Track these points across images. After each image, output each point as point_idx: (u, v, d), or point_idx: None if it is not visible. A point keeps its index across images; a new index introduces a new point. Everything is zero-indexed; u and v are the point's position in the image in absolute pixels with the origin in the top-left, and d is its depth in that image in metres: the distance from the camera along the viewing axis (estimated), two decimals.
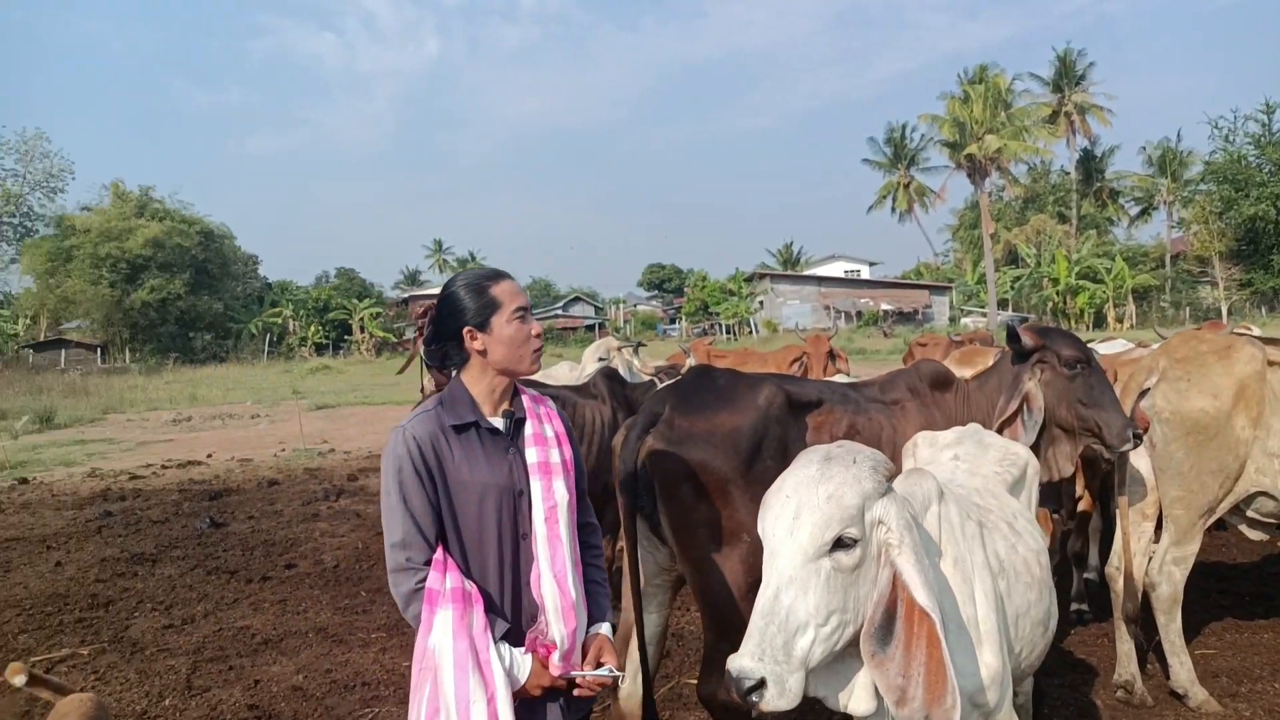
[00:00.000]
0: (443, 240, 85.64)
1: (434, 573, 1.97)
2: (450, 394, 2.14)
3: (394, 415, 17.92)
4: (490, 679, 1.93)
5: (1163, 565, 4.00)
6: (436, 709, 1.91)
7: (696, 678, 3.32)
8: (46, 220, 45.93)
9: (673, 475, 3.11)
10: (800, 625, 1.81)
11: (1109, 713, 3.96)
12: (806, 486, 1.90)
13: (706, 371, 3.36)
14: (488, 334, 2.11)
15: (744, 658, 1.79)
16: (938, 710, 1.84)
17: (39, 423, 18.24)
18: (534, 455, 2.15)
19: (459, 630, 1.92)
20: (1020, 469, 2.81)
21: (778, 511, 1.91)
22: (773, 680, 1.77)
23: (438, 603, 1.94)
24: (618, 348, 6.66)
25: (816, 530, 1.84)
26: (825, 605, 1.84)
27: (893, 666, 1.87)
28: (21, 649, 5.27)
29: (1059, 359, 3.40)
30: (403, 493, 2.00)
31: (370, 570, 6.73)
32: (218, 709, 4.36)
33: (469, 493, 2.06)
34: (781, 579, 1.83)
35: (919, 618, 1.87)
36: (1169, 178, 51.91)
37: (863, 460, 1.96)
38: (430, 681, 1.93)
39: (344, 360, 44.62)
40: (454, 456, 2.06)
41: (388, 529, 2.02)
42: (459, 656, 1.91)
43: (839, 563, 1.85)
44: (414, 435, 2.04)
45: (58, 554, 7.50)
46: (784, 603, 1.81)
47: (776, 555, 1.87)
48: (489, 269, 2.22)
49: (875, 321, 51.44)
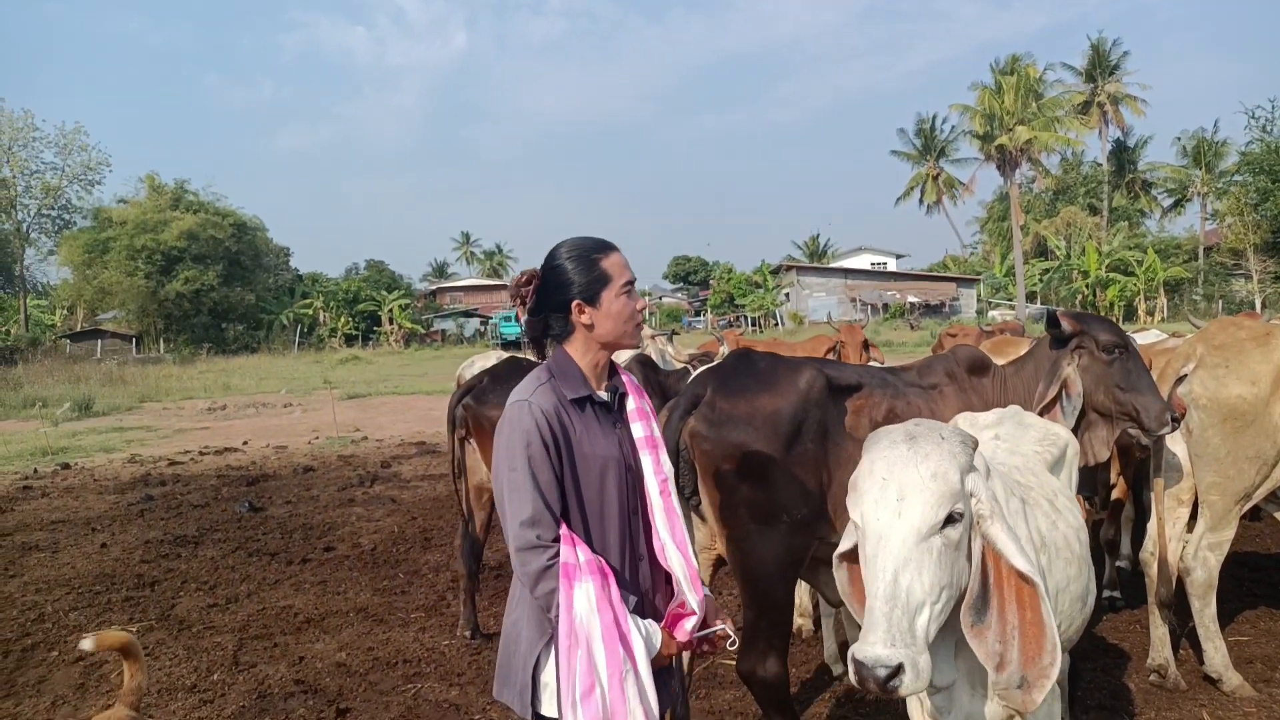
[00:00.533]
0: (470, 233, 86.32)
1: (565, 547, 1.92)
2: (560, 366, 2.09)
3: (424, 405, 18.13)
4: (634, 650, 1.92)
5: (1198, 551, 4.02)
6: (591, 684, 1.88)
7: (734, 657, 3.38)
8: (84, 213, 46.57)
9: (713, 456, 3.17)
10: (919, 605, 1.82)
11: (1143, 696, 3.99)
12: (906, 467, 1.90)
13: (747, 355, 3.42)
14: (596, 308, 2.07)
15: (876, 646, 1.76)
16: (1034, 669, 1.88)
17: (78, 410, 18.60)
18: (640, 430, 2.15)
19: (602, 602, 1.89)
20: (1060, 449, 2.85)
21: (877, 495, 1.90)
22: (909, 664, 1.75)
23: (575, 576, 1.90)
24: (651, 336, 6.71)
25: (928, 509, 1.85)
26: (938, 582, 1.85)
27: (990, 634, 1.91)
28: (73, 625, 5.43)
29: (1097, 344, 3.43)
30: (531, 468, 1.93)
31: (407, 553, 6.86)
32: (265, 683, 4.49)
33: (591, 466, 2.03)
34: (898, 561, 1.83)
35: (1014, 583, 1.91)
36: (1203, 169, 51.06)
37: (951, 436, 1.97)
38: (582, 657, 1.89)
39: (373, 351, 45.01)
40: (576, 429, 2.03)
41: (513, 506, 1.94)
42: (606, 629, 1.89)
43: (948, 539, 1.87)
44: (540, 407, 1.98)
45: (102, 536, 7.70)
46: (903, 584, 1.81)
47: (886, 538, 1.86)
48: (596, 239, 2.14)
49: (901, 314, 51.13)
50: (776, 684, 3.21)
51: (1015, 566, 1.90)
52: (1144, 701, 3.94)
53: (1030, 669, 1.88)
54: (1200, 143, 51.42)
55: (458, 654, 4.83)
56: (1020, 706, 1.94)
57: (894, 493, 1.87)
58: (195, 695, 4.37)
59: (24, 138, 44.09)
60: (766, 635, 3.19)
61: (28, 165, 44.50)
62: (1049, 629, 1.87)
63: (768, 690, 3.20)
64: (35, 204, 45.37)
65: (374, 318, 52.65)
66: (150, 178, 48.37)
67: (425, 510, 8.29)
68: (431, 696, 4.30)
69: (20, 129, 43.87)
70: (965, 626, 1.92)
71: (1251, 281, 43.72)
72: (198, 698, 4.34)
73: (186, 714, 4.17)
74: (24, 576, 6.50)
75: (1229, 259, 45.94)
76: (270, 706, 4.22)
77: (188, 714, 4.18)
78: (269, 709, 4.19)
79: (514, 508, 1.93)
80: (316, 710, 4.14)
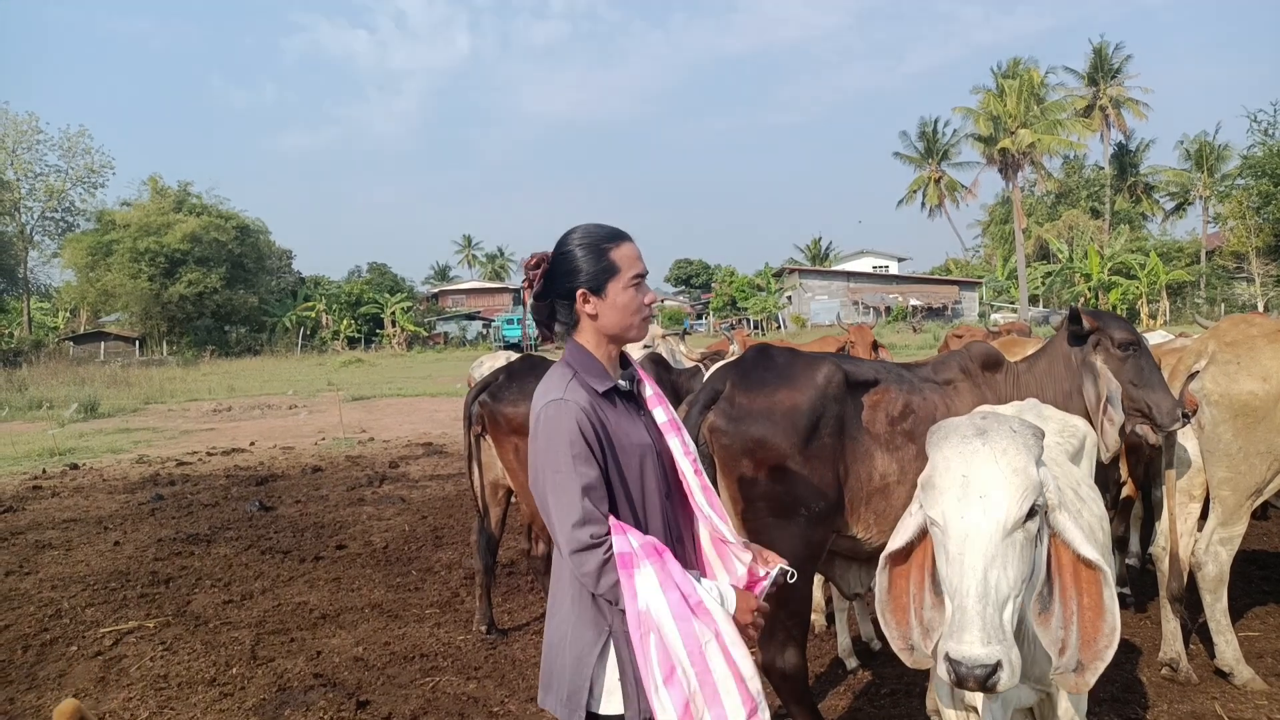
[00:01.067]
0: (472, 236, 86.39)
1: (617, 536, 1.89)
2: (580, 360, 2.05)
3: (429, 406, 18.17)
4: (709, 617, 1.88)
5: (1209, 545, 4.06)
6: (671, 667, 1.84)
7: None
8: (87, 215, 46.81)
9: (733, 450, 3.22)
10: (1005, 599, 1.83)
11: (1155, 690, 4.03)
12: (985, 463, 1.89)
13: (766, 350, 3.46)
14: (602, 299, 2.04)
15: (974, 645, 1.76)
16: (1089, 652, 1.92)
17: (84, 412, 18.66)
18: (662, 414, 2.14)
19: (666, 583, 1.86)
20: (1080, 440, 2.90)
21: (959, 493, 1.90)
22: (1005, 660, 1.76)
23: (634, 564, 1.86)
24: (662, 335, 6.75)
25: (1014, 505, 1.85)
26: (1021, 575, 1.87)
27: (1054, 620, 1.95)
28: (90, 621, 5.48)
29: (1113, 341, 3.49)
30: (577, 468, 1.89)
31: (418, 551, 6.90)
32: (284, 677, 4.53)
33: (631, 456, 2.01)
34: (986, 558, 1.83)
35: (1077, 571, 1.94)
36: (1205, 172, 51.14)
37: (1021, 428, 1.98)
38: (656, 642, 1.85)
39: (375, 354, 45.10)
40: (612, 421, 2.01)
41: (560, 509, 1.90)
42: (675, 607, 1.85)
43: (1029, 532, 1.88)
44: (579, 405, 1.94)
45: (115, 534, 7.74)
46: (992, 581, 1.82)
47: (973, 536, 1.85)
48: (610, 228, 2.10)
49: (904, 317, 51.18)
50: (795, 675, 3.25)
51: (1082, 554, 1.92)
52: (1156, 695, 3.98)
53: (1086, 652, 1.92)
54: (1202, 146, 51.50)
55: (474, 649, 4.87)
56: (1073, 688, 1.98)
57: (976, 490, 1.88)
58: (216, 688, 4.42)
59: (28, 140, 44.43)
60: (785, 627, 3.24)
61: (32, 168, 44.81)
62: (1110, 614, 1.89)
63: (787, 681, 3.25)
64: (39, 206, 45.63)
65: (376, 320, 52.75)
66: (154, 180, 48.53)
67: (435, 509, 8.33)
68: (450, 690, 4.35)
69: (24, 132, 44.18)
70: (1033, 615, 1.95)
71: (1254, 285, 43.74)
72: (218, 690, 4.39)
73: (208, 706, 4.22)
74: (39, 574, 6.55)
75: (1231, 262, 45.97)
76: (291, 699, 4.26)
77: (209, 706, 4.22)
78: (289, 701, 4.23)
79: (561, 511, 1.90)
80: (336, 702, 4.18)
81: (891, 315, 52.65)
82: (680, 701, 1.84)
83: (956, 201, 57.67)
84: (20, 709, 4.27)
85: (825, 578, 3.95)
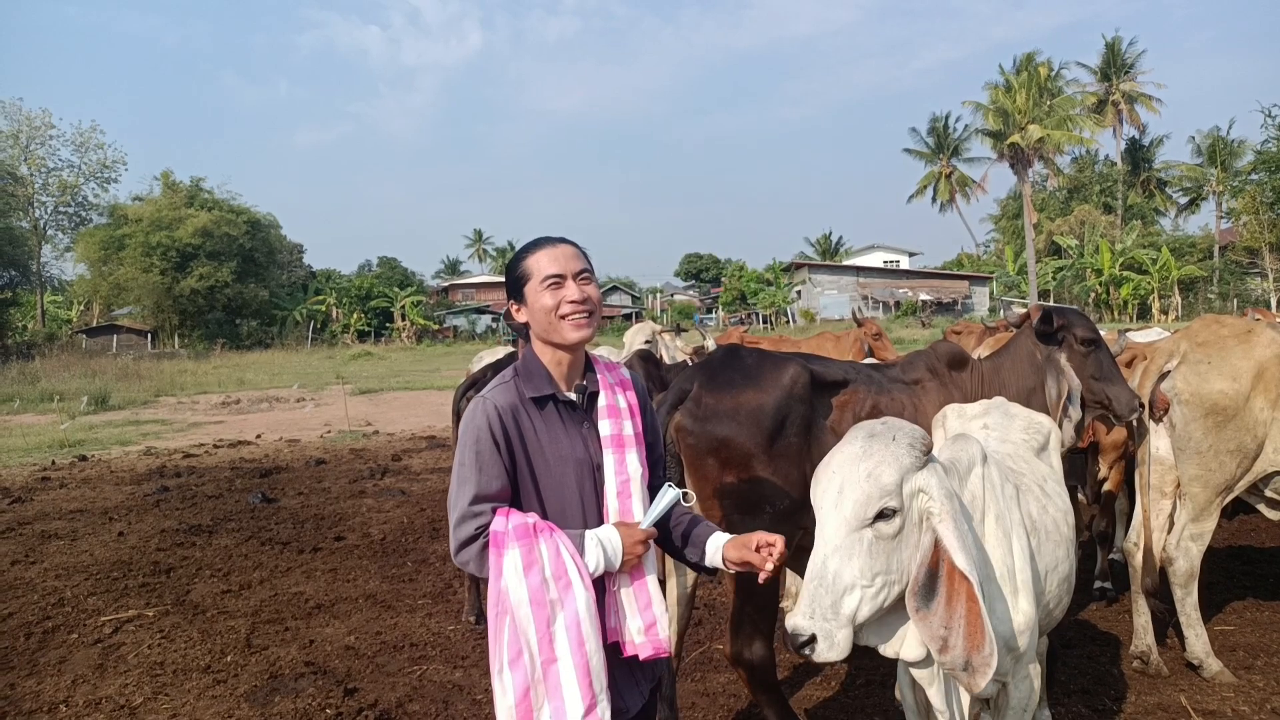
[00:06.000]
0: (482, 230, 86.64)
1: (497, 517, 1.93)
2: (525, 365, 2.10)
3: (435, 400, 18.31)
4: (571, 599, 1.90)
5: (1180, 541, 4.13)
6: (519, 650, 1.88)
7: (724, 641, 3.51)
8: (100, 210, 47.11)
9: (698, 450, 3.29)
10: (847, 587, 2.02)
11: (1125, 681, 4.10)
12: (850, 463, 2.08)
13: (735, 351, 3.54)
14: (525, 305, 2.09)
15: (797, 616, 2.00)
16: (977, 656, 2.03)
17: (94, 404, 18.89)
18: (607, 428, 2.12)
19: (529, 565, 1.88)
20: (1045, 436, 2.99)
21: (825, 486, 2.09)
22: (822, 635, 1.98)
23: (504, 545, 1.90)
24: (660, 331, 6.84)
25: (859, 505, 2.03)
26: (870, 569, 2.04)
27: (935, 620, 2.06)
28: (92, 610, 5.61)
29: (1076, 338, 3.58)
30: (479, 462, 1.96)
31: (415, 543, 7.02)
32: (276, 664, 4.65)
33: (550, 465, 2.03)
34: (829, 547, 2.03)
35: (959, 578, 2.06)
36: (1218, 167, 50.84)
37: (901, 437, 2.12)
38: (508, 624, 1.89)
39: (385, 347, 45.36)
40: (534, 428, 2.04)
41: (459, 496, 1.96)
42: (534, 591, 1.87)
43: (880, 531, 2.05)
44: (495, 404, 2.00)
45: (119, 525, 7.89)
46: (831, 568, 2.02)
47: (824, 526, 2.06)
48: (538, 237, 2.13)
49: (914, 312, 51.06)
50: (763, 666, 3.34)
51: (955, 563, 2.04)
52: (1126, 687, 4.06)
53: (974, 655, 2.03)
54: (1215, 141, 51.21)
55: (462, 638, 4.98)
56: (966, 688, 2.09)
57: (836, 485, 2.07)
58: (209, 675, 4.54)
59: (42, 136, 44.73)
60: (753, 620, 3.32)
61: (45, 163, 45.13)
62: (985, 625, 2.02)
63: (755, 672, 3.34)
64: (52, 201, 45.94)
65: (386, 314, 53.01)
66: (166, 175, 48.88)
67: (434, 502, 8.45)
68: (436, 678, 4.46)
69: (38, 128, 44.49)
70: (910, 610, 2.07)
71: (1267, 280, 43.51)
72: (212, 678, 4.51)
73: (201, 693, 4.34)
74: (44, 563, 6.70)
75: (1244, 257, 45.71)
76: (281, 686, 4.38)
77: (202, 693, 4.34)
78: (280, 688, 4.35)
79: (459, 498, 1.96)
80: (325, 690, 4.30)
81: (901, 310, 52.52)
82: (521, 687, 1.88)
83: (967, 197, 57.54)
84: (21, 694, 4.40)
85: (794, 573, 4.04)
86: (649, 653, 2.07)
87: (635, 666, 2.13)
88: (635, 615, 2.07)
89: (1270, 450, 4.04)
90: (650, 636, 2.07)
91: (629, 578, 2.08)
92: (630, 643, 2.06)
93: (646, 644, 2.07)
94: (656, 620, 2.08)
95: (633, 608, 2.07)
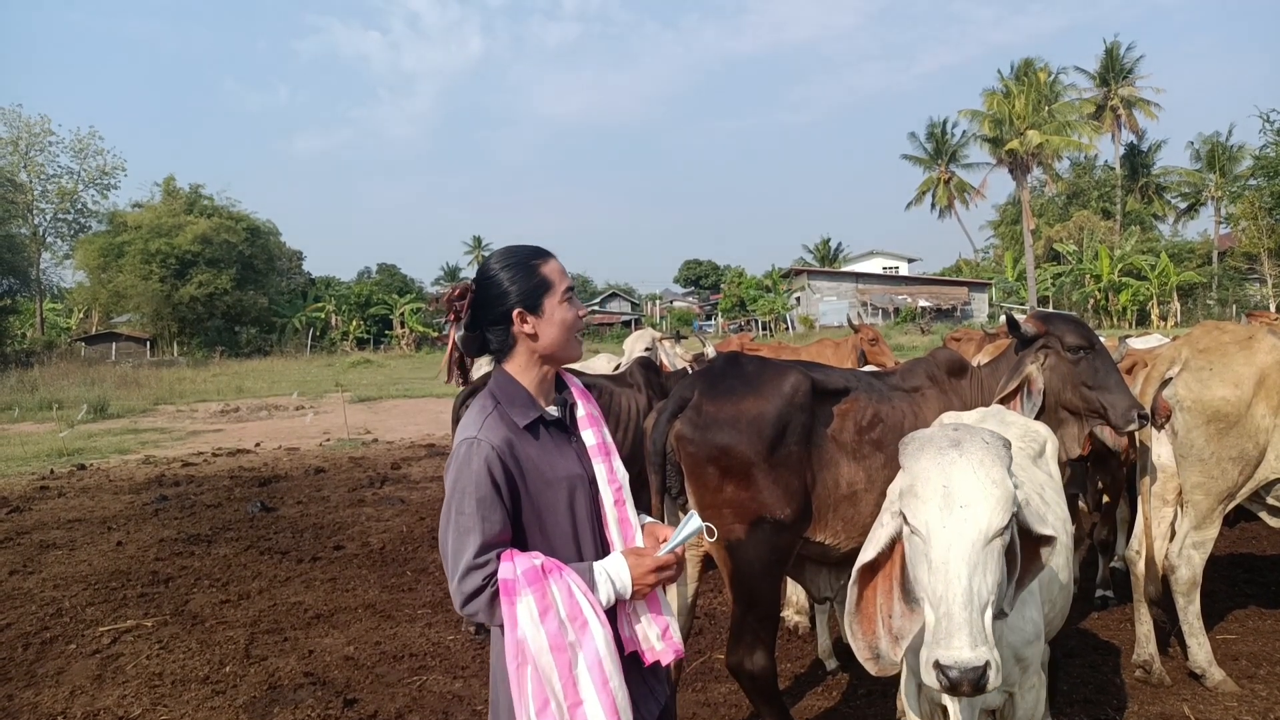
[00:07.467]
0: (481, 237, 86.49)
1: (503, 564, 1.83)
2: (503, 390, 1.98)
3: (434, 407, 18.29)
4: (590, 640, 1.84)
5: (1182, 549, 4.11)
6: (545, 699, 1.81)
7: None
8: (99, 217, 47.06)
9: (698, 458, 3.28)
10: (985, 604, 1.92)
11: (1127, 691, 4.09)
12: (965, 475, 1.97)
13: (735, 359, 3.53)
14: (539, 317, 1.96)
15: (963, 650, 1.84)
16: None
17: (93, 413, 18.86)
18: (591, 437, 2.06)
19: (545, 611, 1.81)
20: (1040, 444, 2.99)
21: (940, 503, 1.97)
22: (993, 661, 1.85)
23: (515, 592, 1.81)
24: (660, 338, 6.83)
25: (994, 515, 1.94)
26: (997, 580, 1.97)
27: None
28: (90, 620, 5.59)
29: (1062, 344, 3.54)
30: (481, 510, 1.83)
31: (414, 552, 7.00)
32: (275, 675, 4.63)
33: (555, 490, 1.95)
34: (970, 566, 1.91)
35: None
36: (1217, 173, 50.87)
37: (993, 440, 2.06)
38: (530, 674, 1.82)
39: (384, 354, 45.32)
40: (532, 456, 1.93)
41: (457, 547, 1.84)
42: (552, 638, 1.80)
43: (1005, 539, 1.99)
44: (490, 445, 1.87)
45: (118, 534, 7.87)
46: (974, 588, 1.90)
47: (955, 544, 1.93)
48: (530, 246, 2.03)
49: (913, 318, 51.06)
50: (764, 677, 3.32)
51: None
52: (1128, 696, 4.04)
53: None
54: (1214, 147, 51.24)
55: (462, 648, 4.96)
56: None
57: (957, 500, 1.96)
58: (208, 686, 4.52)
59: (41, 142, 44.74)
60: (753, 630, 3.30)
61: (44, 169, 45.12)
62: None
63: (755, 683, 3.32)
64: (51, 208, 45.93)
65: (385, 321, 53.02)
66: (166, 182, 48.81)
67: (433, 511, 8.42)
68: (436, 688, 4.44)
69: (37, 134, 44.50)
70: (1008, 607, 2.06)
71: (1266, 286, 43.53)
72: (210, 688, 4.49)
73: (199, 704, 4.32)
74: (42, 573, 6.67)
75: (1243, 263, 45.74)
76: (280, 697, 4.35)
77: (201, 704, 4.32)
78: (279, 699, 4.33)
79: (461, 549, 1.84)
80: (325, 701, 4.28)
81: (900, 316, 52.52)
82: None
83: (966, 203, 57.58)
84: (19, 705, 4.38)
85: (797, 582, 4.03)
86: (670, 657, 2.02)
87: (649, 674, 2.09)
88: (650, 623, 2.01)
89: (1272, 457, 4.02)
90: (668, 641, 2.02)
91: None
92: (650, 650, 2.01)
93: (667, 649, 2.01)
94: (669, 623, 2.04)
95: (646, 615, 2.01)
